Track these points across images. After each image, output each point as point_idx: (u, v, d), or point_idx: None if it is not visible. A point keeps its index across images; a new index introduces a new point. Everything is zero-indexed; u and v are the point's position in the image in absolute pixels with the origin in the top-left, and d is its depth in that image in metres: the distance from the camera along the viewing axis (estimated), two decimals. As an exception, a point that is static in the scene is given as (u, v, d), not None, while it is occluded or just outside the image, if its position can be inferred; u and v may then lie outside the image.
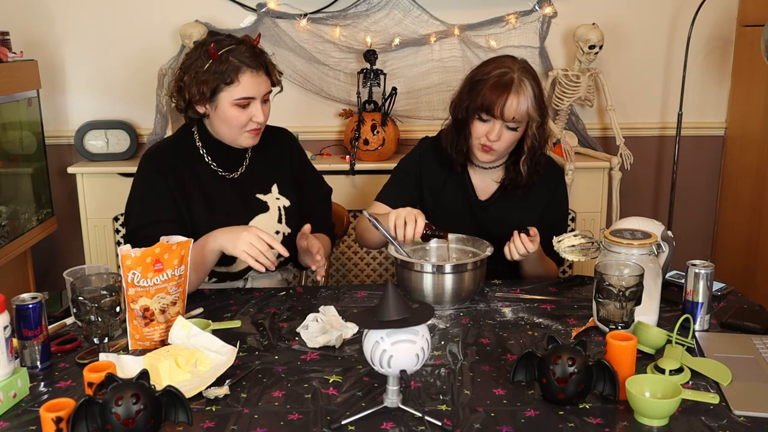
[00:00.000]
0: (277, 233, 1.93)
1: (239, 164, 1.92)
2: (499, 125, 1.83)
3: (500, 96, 1.80)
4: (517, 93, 1.80)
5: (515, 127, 1.84)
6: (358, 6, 3.00)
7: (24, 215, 2.87)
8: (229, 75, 1.75)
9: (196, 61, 1.78)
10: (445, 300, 1.67)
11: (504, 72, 1.82)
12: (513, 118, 1.81)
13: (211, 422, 1.19)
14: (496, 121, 1.83)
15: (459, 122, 1.91)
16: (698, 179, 3.26)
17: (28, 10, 2.99)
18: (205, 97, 1.77)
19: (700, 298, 1.54)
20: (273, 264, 1.67)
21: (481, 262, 1.69)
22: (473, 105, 1.84)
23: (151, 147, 1.93)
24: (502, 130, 1.84)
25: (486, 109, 1.82)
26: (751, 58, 2.95)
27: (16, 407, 1.25)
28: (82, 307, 1.33)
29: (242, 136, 1.84)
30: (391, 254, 1.74)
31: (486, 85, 1.82)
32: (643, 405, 1.17)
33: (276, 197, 1.95)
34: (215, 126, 1.85)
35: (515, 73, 1.82)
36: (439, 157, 2.01)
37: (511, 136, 1.86)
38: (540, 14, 3.02)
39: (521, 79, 1.81)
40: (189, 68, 1.79)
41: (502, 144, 1.86)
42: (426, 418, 1.18)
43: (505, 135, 1.85)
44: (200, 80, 1.77)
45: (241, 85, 1.76)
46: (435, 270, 1.66)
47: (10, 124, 2.82)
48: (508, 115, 1.81)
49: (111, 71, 3.06)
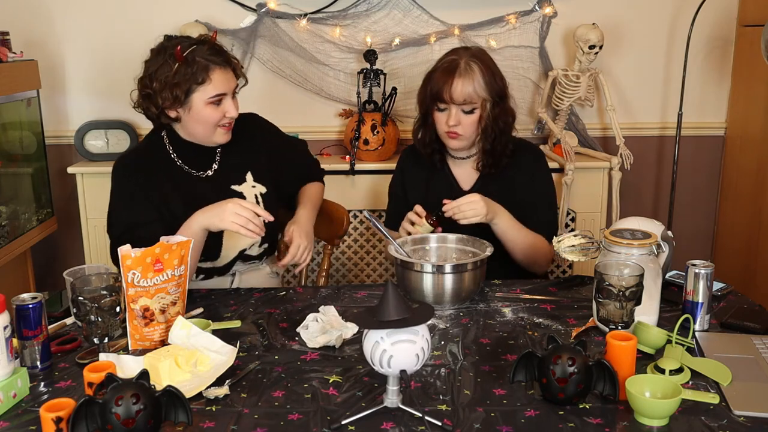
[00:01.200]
0: None
1: (210, 162, 1.92)
2: (455, 110, 1.90)
3: (447, 81, 1.89)
4: (462, 76, 1.88)
5: (471, 109, 1.91)
6: (358, 6, 3.00)
7: (24, 215, 2.87)
8: (200, 75, 1.76)
9: (162, 67, 1.77)
10: (445, 300, 1.67)
11: (452, 59, 1.92)
12: (464, 101, 1.89)
13: (211, 422, 1.19)
14: (450, 106, 1.90)
15: (423, 116, 1.99)
16: (698, 179, 3.26)
17: (28, 10, 2.99)
18: (179, 100, 1.77)
19: (700, 298, 1.54)
20: (261, 230, 1.71)
21: (481, 262, 1.69)
22: (429, 95, 1.93)
23: (121, 156, 1.91)
24: (459, 114, 1.91)
25: (437, 95, 1.90)
26: (751, 58, 2.95)
27: (16, 407, 1.25)
28: (82, 307, 1.34)
29: (216, 133, 1.85)
30: (391, 254, 1.75)
31: (436, 73, 1.93)
32: (643, 405, 1.17)
33: (252, 185, 1.95)
34: (188, 127, 1.84)
35: (462, 59, 1.90)
36: (420, 159, 2.08)
37: (470, 119, 1.92)
38: (540, 14, 3.02)
39: (468, 63, 1.89)
40: (155, 75, 1.78)
41: (464, 128, 1.92)
42: (426, 418, 1.18)
43: (463, 119, 1.91)
44: (171, 84, 1.76)
45: (213, 83, 1.78)
46: (435, 270, 1.66)
47: (10, 124, 2.82)
48: (457, 98, 1.88)
49: (111, 71, 3.06)
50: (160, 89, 1.77)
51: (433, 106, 1.94)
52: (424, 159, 2.06)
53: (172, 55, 1.76)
